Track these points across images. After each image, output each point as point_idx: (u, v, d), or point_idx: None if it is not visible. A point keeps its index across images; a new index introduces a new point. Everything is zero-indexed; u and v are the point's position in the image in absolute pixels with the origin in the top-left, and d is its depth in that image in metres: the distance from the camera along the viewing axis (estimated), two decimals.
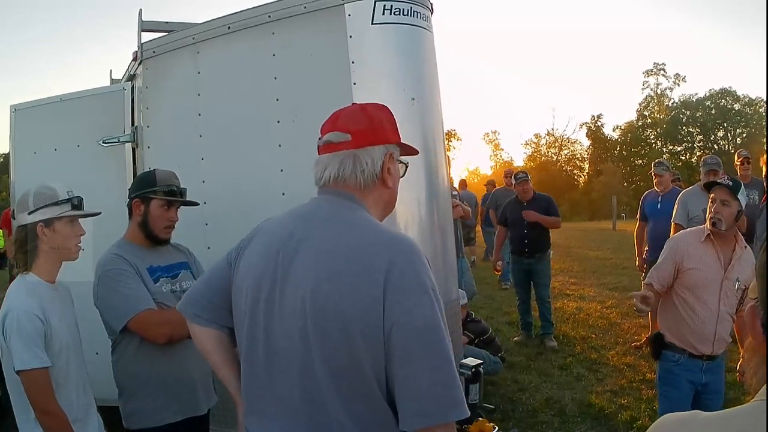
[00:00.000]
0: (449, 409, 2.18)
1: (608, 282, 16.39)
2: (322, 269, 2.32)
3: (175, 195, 4.33)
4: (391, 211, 2.73)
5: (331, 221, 2.46)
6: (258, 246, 2.58)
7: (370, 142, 2.53)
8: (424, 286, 2.26)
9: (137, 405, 4.10)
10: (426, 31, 5.06)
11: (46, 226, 3.70)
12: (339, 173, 2.52)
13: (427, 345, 2.20)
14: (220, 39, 5.45)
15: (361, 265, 2.28)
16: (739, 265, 5.10)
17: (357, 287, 2.25)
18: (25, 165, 6.78)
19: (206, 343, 2.79)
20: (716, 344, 5.13)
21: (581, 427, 7.26)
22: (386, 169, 2.56)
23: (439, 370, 2.19)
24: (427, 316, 2.22)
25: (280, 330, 2.39)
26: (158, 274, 4.20)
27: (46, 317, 3.55)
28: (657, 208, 10.08)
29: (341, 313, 2.24)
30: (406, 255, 2.31)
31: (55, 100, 6.72)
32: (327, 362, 2.28)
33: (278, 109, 5.14)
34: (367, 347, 2.22)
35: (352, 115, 2.60)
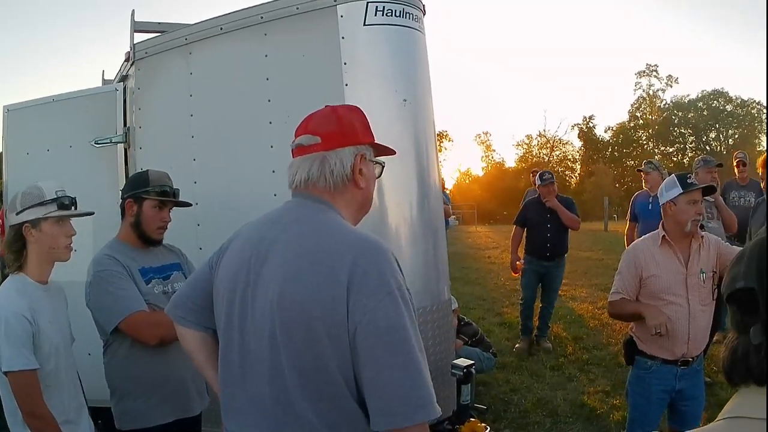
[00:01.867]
0: (416, 410, 2.19)
1: (600, 283, 16.40)
2: (288, 271, 2.37)
3: (168, 195, 4.33)
4: (366, 212, 2.78)
5: (299, 224, 2.51)
6: (234, 250, 2.66)
7: (340, 143, 2.56)
8: (388, 285, 2.28)
9: (129, 405, 4.11)
10: (418, 32, 5.06)
11: (33, 226, 3.69)
12: (308, 176, 2.57)
13: (391, 345, 2.22)
14: (213, 40, 5.44)
15: (324, 266, 2.32)
16: (698, 257, 5.05)
17: (320, 288, 2.28)
18: (17, 166, 6.73)
19: (190, 343, 2.88)
20: (691, 344, 5.03)
21: (573, 427, 7.28)
22: (357, 170, 2.59)
23: (405, 371, 2.20)
24: (391, 317, 2.23)
25: (252, 331, 2.45)
26: (150, 275, 4.21)
27: (35, 318, 3.53)
28: (648, 209, 10.07)
29: (306, 315, 2.28)
30: (369, 255, 2.34)
31: (47, 101, 6.68)
32: (294, 363, 2.32)
33: (270, 110, 5.14)
34: (333, 348, 2.26)
35: (322, 118, 2.63)
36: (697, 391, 5.21)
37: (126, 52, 6.01)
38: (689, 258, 5.05)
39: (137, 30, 6.00)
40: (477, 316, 12.93)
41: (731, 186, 10.18)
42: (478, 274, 19.30)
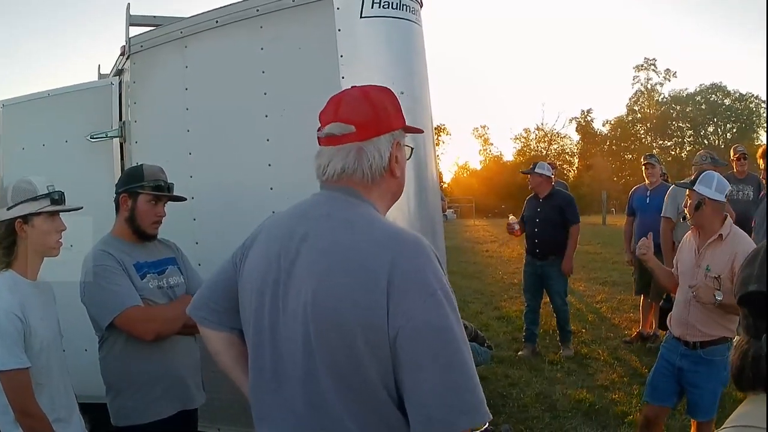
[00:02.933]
0: (460, 415, 2.04)
1: (598, 277, 16.44)
2: (321, 272, 2.21)
3: (163, 190, 4.30)
4: (396, 199, 2.60)
5: (330, 219, 2.34)
6: (260, 246, 2.50)
7: (376, 132, 2.38)
8: (430, 287, 2.11)
9: (125, 402, 4.07)
10: (415, 24, 5.03)
11: (25, 222, 3.62)
12: (344, 168, 2.38)
13: (436, 349, 2.06)
14: (208, 33, 5.41)
15: (360, 266, 2.16)
16: (709, 254, 5.30)
17: (357, 291, 2.13)
18: (13, 161, 6.71)
19: (216, 345, 2.72)
20: (688, 330, 5.36)
21: (572, 422, 7.26)
22: (394, 158, 2.42)
23: (449, 374, 2.05)
24: (433, 319, 2.08)
25: (284, 334, 2.30)
26: (145, 270, 4.17)
27: (26, 316, 3.47)
28: (645, 203, 10.09)
29: (343, 319, 2.13)
30: (409, 254, 2.17)
31: (43, 96, 6.68)
32: (331, 368, 2.18)
33: (266, 103, 5.11)
34: (372, 353, 2.11)
35: (354, 103, 2.42)
36: (700, 381, 5.32)
37: (121, 46, 5.98)
38: (701, 251, 5.38)
39: (132, 24, 5.97)
40: (475, 310, 12.94)
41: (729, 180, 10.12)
42: (476, 268, 19.33)
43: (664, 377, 5.52)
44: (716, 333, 5.25)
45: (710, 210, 5.33)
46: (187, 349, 4.32)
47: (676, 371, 5.43)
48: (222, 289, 2.67)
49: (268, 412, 2.42)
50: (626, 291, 14.03)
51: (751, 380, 1.43)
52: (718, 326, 5.24)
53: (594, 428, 7.11)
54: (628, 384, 8.40)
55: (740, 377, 1.46)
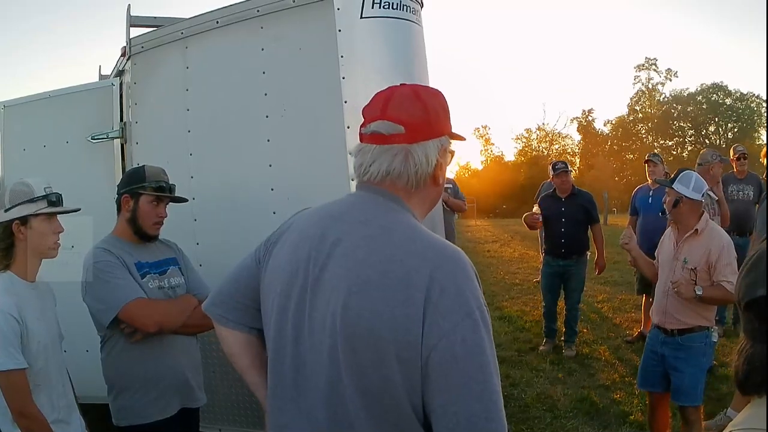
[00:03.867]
0: None
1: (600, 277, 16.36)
2: (354, 281, 2.10)
3: (165, 191, 4.30)
4: (434, 207, 2.50)
5: (368, 225, 2.22)
6: (288, 245, 2.37)
7: (427, 136, 2.26)
8: (468, 306, 2.02)
9: (127, 401, 4.08)
10: (415, 24, 5.03)
11: (22, 223, 3.63)
12: (389, 171, 2.25)
13: (468, 373, 1.97)
14: (209, 34, 5.41)
15: (397, 279, 2.05)
16: (688, 248, 5.70)
17: (392, 305, 2.02)
18: (14, 162, 6.74)
19: (233, 346, 2.60)
20: (666, 318, 5.75)
21: (573, 422, 7.25)
22: (439, 165, 2.31)
23: (480, 401, 1.96)
24: (469, 341, 1.99)
25: (309, 343, 2.21)
26: (145, 270, 4.17)
27: (23, 317, 3.48)
28: (648, 203, 10.07)
29: (374, 333, 2.02)
30: (448, 269, 2.07)
31: (44, 97, 6.70)
32: (357, 383, 2.08)
33: (267, 103, 5.11)
34: (403, 371, 2.01)
35: (405, 103, 2.28)
36: (681, 365, 5.66)
37: (122, 47, 5.99)
38: (679, 244, 5.79)
39: (133, 24, 5.98)
40: None
41: (729, 179, 10.15)
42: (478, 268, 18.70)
43: (651, 364, 5.91)
44: (693, 322, 5.63)
45: (687, 207, 5.72)
46: (188, 349, 4.33)
47: (659, 358, 5.81)
48: (243, 287, 2.54)
49: (285, 421, 2.32)
50: (628, 291, 14.02)
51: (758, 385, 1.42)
52: (694, 315, 5.62)
53: (595, 428, 7.12)
54: (630, 384, 8.36)
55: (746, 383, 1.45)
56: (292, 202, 4.87)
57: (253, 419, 5.32)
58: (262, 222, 4.97)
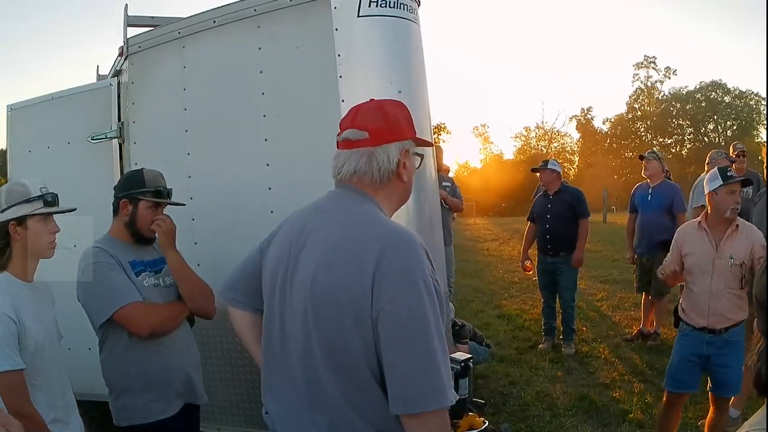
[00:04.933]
0: (429, 398, 2.28)
1: (599, 275, 16.41)
2: (321, 259, 2.50)
3: (163, 196, 4.31)
4: (404, 203, 2.87)
5: (339, 214, 2.64)
6: (280, 236, 2.80)
7: (387, 140, 2.65)
8: (412, 276, 2.35)
9: (127, 402, 4.08)
10: (413, 23, 5.03)
11: (18, 224, 3.62)
12: (356, 169, 2.65)
13: (411, 334, 2.31)
14: (206, 33, 5.41)
15: (354, 255, 2.42)
16: (731, 244, 5.62)
17: (349, 276, 2.39)
18: (20, 164, 6.85)
19: (240, 324, 3.05)
20: (711, 318, 5.62)
21: (572, 420, 7.24)
22: (402, 164, 2.68)
23: (421, 359, 2.30)
24: (413, 306, 2.31)
25: (289, 313, 2.59)
26: (140, 268, 4.17)
27: (20, 317, 3.46)
28: (647, 200, 10.06)
29: (335, 301, 2.40)
30: (396, 246, 2.42)
31: (47, 99, 6.76)
32: (323, 344, 2.45)
33: (264, 102, 5.11)
34: (359, 333, 2.36)
35: (369, 113, 2.70)
36: (728, 360, 5.65)
37: (120, 47, 5.99)
38: (721, 243, 5.65)
39: (130, 24, 5.99)
40: (476, 309, 12.94)
41: None
42: (477, 267, 19.32)
43: (688, 368, 5.81)
44: (739, 317, 5.63)
45: None
46: (188, 347, 4.34)
47: (701, 360, 5.73)
48: (249, 274, 2.98)
49: (274, 383, 2.72)
50: (627, 289, 14.01)
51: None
52: (740, 310, 5.62)
53: (595, 427, 7.11)
54: (629, 382, 8.39)
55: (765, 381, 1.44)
56: (290, 201, 4.86)
57: (251, 419, 5.32)
58: (260, 221, 4.97)
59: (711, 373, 5.77)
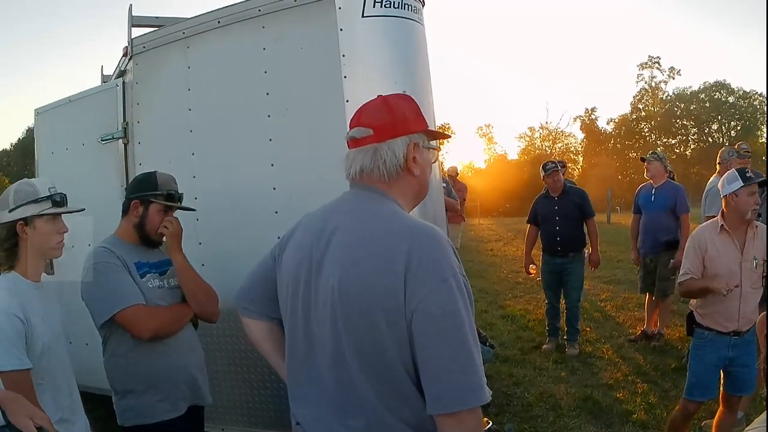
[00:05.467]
0: (468, 396, 2.25)
1: (602, 275, 16.38)
2: (347, 260, 2.43)
3: (174, 200, 4.32)
4: (423, 198, 2.80)
5: (355, 213, 2.58)
6: (295, 241, 2.73)
7: (391, 134, 2.59)
8: (442, 273, 2.31)
9: (134, 402, 4.08)
10: (417, 23, 5.02)
11: (27, 224, 3.62)
12: (362, 167, 2.61)
13: (444, 332, 2.26)
14: (211, 33, 5.41)
15: (381, 255, 2.37)
16: (753, 245, 5.60)
17: (378, 277, 2.34)
18: (45, 165, 7.08)
19: (255, 333, 3.01)
20: (741, 321, 5.56)
21: (576, 421, 7.25)
22: (411, 158, 2.62)
23: (456, 357, 2.26)
24: (444, 304, 2.27)
25: (315, 319, 2.53)
26: (145, 269, 4.16)
27: (27, 317, 3.45)
28: (651, 201, 10.06)
29: (364, 302, 2.34)
30: (424, 243, 2.37)
31: (65, 102, 6.91)
32: (355, 348, 2.39)
33: (269, 103, 5.11)
34: (392, 334, 2.31)
35: (374, 110, 2.68)
36: (749, 360, 5.66)
37: (124, 47, 5.99)
38: (744, 245, 5.61)
39: (135, 25, 5.99)
40: (480, 309, 12.91)
41: None
42: (481, 267, 19.32)
43: (713, 374, 5.75)
44: (757, 316, 5.55)
45: None
46: (193, 347, 4.35)
47: (725, 363, 5.68)
48: (262, 280, 2.93)
49: (301, 392, 2.66)
50: (631, 289, 14.00)
51: None
52: (758, 309, 5.63)
53: (598, 427, 7.11)
54: (633, 383, 8.39)
55: None
56: (295, 202, 4.88)
57: (255, 419, 5.32)
58: (265, 221, 4.98)
59: (730, 374, 5.73)
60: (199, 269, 4.44)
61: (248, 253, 5.15)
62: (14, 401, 2.49)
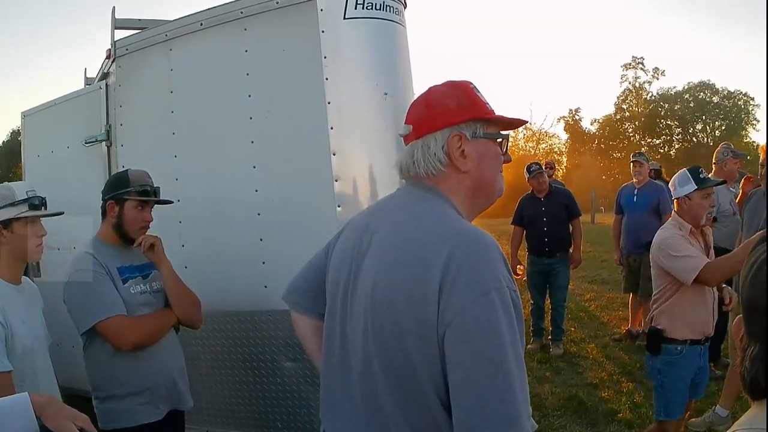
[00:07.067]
0: (500, 426, 1.96)
1: (587, 275, 16.45)
2: (382, 263, 2.27)
3: (149, 195, 4.28)
4: (486, 197, 2.54)
5: (401, 212, 2.39)
6: (343, 238, 2.59)
7: (428, 129, 2.41)
8: (485, 285, 2.05)
9: (113, 405, 4.06)
10: (399, 25, 5.03)
11: (4, 227, 3.62)
12: (402, 166, 2.48)
13: (480, 352, 2.01)
14: (193, 36, 5.41)
15: (417, 259, 2.16)
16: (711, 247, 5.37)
17: (411, 283, 2.13)
18: (31, 168, 7.11)
19: (303, 330, 2.84)
20: (711, 325, 5.27)
21: (561, 420, 7.26)
22: (456, 152, 2.38)
23: (492, 381, 1.98)
24: (483, 320, 2.01)
25: (350, 324, 2.36)
26: (127, 275, 4.15)
27: (7, 320, 3.44)
28: (633, 201, 10.12)
29: (395, 310, 2.15)
30: (467, 249, 2.13)
31: (50, 105, 6.93)
32: (383, 362, 2.20)
33: (251, 105, 5.11)
34: (422, 348, 2.10)
35: (415, 105, 2.55)
36: (706, 364, 5.44)
37: (107, 49, 5.98)
38: (706, 246, 5.32)
39: (118, 27, 5.99)
40: None
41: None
42: None
43: (688, 388, 5.35)
44: None
45: None
46: (174, 352, 4.32)
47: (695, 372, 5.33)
48: (315, 275, 2.74)
49: (333, 402, 2.48)
50: (615, 289, 14.07)
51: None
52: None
53: (583, 426, 7.13)
54: (618, 382, 8.42)
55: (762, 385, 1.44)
56: (277, 203, 4.89)
57: (239, 420, 5.32)
58: (248, 223, 4.99)
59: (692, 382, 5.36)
60: (182, 271, 4.43)
61: (231, 255, 5.20)
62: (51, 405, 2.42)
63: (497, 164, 2.50)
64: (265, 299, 4.96)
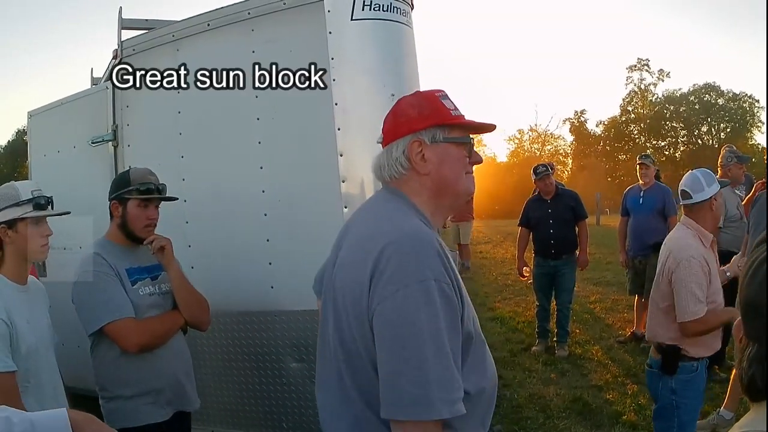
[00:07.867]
0: (410, 408, 2.15)
1: (592, 277, 16.40)
2: (343, 259, 2.51)
3: (152, 192, 4.25)
4: (449, 197, 2.60)
5: (365, 213, 2.69)
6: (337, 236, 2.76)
7: (393, 137, 2.57)
8: (406, 277, 2.20)
9: (120, 405, 4.06)
10: (406, 26, 5.04)
11: (9, 227, 3.61)
12: (375, 169, 2.65)
13: (397, 338, 2.19)
14: (200, 36, 5.43)
15: (361, 254, 2.36)
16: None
17: (354, 275, 2.36)
18: (38, 167, 7.09)
19: None
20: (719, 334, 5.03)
21: (566, 422, 7.26)
22: (416, 156, 2.50)
23: (406, 366, 2.16)
24: (401, 309, 2.18)
25: (327, 315, 2.59)
26: (136, 276, 4.14)
27: (12, 319, 3.44)
28: (639, 203, 10.09)
29: (345, 299, 2.38)
30: (398, 242, 2.28)
31: (57, 104, 6.92)
32: (340, 343, 2.43)
33: (257, 106, 5.12)
34: (359, 329, 2.32)
35: (387, 115, 2.68)
36: None
37: (114, 50, 5.98)
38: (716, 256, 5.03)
39: (125, 27, 5.99)
40: None
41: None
42: (470, 269, 19.29)
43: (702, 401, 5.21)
44: None
45: None
46: (181, 353, 4.32)
47: None
48: None
49: (321, 381, 2.70)
50: (620, 291, 14.01)
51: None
52: None
53: (588, 428, 7.13)
54: (623, 384, 8.41)
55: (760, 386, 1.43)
56: (283, 204, 4.90)
57: (245, 421, 5.33)
58: (254, 223, 5.00)
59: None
60: (189, 272, 4.43)
61: (237, 256, 5.19)
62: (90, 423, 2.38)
63: (460, 166, 2.61)
64: (272, 300, 4.97)
